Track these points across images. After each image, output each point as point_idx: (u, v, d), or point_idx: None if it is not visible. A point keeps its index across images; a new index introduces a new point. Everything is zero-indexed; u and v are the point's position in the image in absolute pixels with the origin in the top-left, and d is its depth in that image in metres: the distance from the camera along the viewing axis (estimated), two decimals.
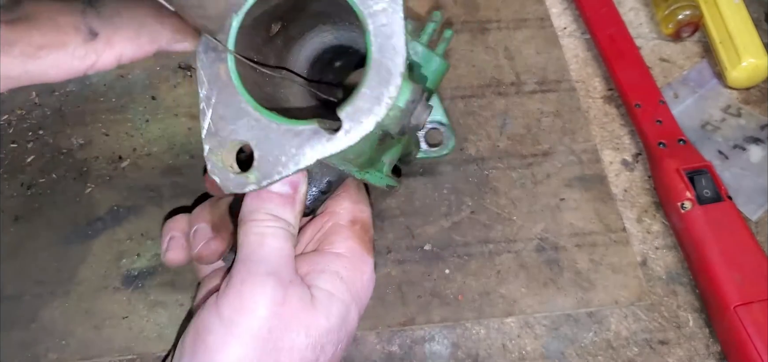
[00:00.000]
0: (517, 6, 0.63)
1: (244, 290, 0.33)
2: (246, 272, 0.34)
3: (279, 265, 0.34)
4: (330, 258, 0.38)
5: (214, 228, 0.39)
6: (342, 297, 0.36)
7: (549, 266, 0.49)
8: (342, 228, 0.39)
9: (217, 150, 0.32)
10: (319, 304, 0.35)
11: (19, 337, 0.43)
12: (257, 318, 0.33)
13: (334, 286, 0.36)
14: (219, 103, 0.32)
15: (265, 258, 0.34)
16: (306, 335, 0.34)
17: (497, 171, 0.53)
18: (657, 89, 0.57)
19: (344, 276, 0.37)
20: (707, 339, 0.47)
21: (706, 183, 0.50)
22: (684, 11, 0.59)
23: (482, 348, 0.46)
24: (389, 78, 0.31)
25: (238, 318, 0.33)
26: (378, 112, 0.31)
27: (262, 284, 0.33)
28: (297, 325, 0.34)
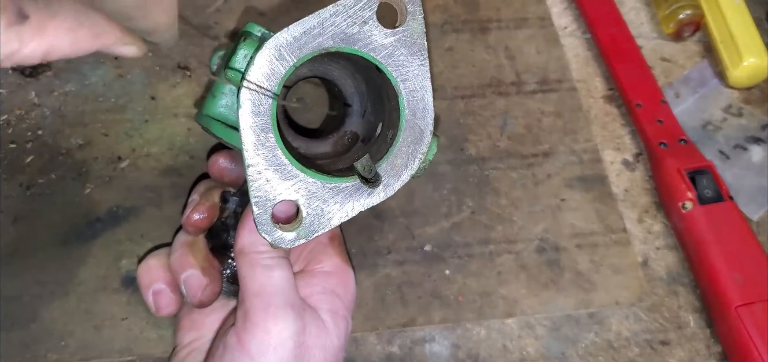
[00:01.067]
0: (517, 5, 0.63)
1: (269, 325, 0.34)
2: (265, 306, 0.35)
3: (292, 295, 0.36)
4: (323, 278, 0.39)
5: (204, 272, 0.39)
6: (343, 313, 0.39)
7: (550, 267, 0.48)
8: (325, 246, 0.41)
9: (267, 211, 0.34)
10: (330, 326, 0.37)
11: (19, 338, 0.43)
12: (286, 349, 0.34)
13: (335, 305, 0.38)
14: (266, 167, 0.34)
15: (278, 291, 0.35)
16: (323, 358, 0.36)
17: (498, 171, 0.53)
18: (658, 89, 0.56)
19: (340, 293, 0.39)
20: (708, 340, 0.47)
21: (707, 183, 0.49)
22: (685, 11, 0.59)
23: (483, 348, 0.45)
24: (421, 137, 0.36)
25: (267, 352, 0.34)
26: (412, 166, 0.36)
27: (284, 317, 0.35)
28: (317, 350, 0.36)
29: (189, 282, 0.38)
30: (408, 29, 0.35)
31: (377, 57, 0.34)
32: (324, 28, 0.34)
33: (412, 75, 0.35)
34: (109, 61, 0.55)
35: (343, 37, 0.34)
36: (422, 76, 0.35)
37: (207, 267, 0.39)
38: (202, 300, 0.39)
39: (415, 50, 0.35)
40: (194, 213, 0.39)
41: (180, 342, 0.40)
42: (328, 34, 0.34)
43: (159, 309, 0.40)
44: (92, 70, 0.55)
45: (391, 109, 0.37)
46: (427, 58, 0.35)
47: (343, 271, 0.40)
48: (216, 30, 0.58)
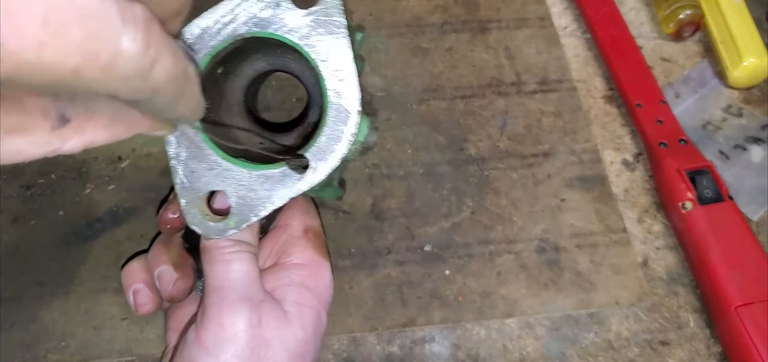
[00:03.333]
0: (517, 5, 0.63)
1: (223, 320, 0.35)
2: (220, 301, 0.36)
3: (249, 288, 0.36)
4: (292, 270, 0.39)
5: (176, 267, 0.40)
6: (311, 304, 0.38)
7: (549, 267, 0.48)
8: (297, 239, 0.41)
9: (194, 202, 0.34)
10: (293, 317, 0.37)
11: (19, 338, 0.43)
12: (239, 343, 0.35)
13: (302, 296, 0.38)
14: (189, 158, 0.34)
15: (234, 285, 0.36)
16: (285, 349, 0.36)
17: (498, 171, 0.53)
18: (658, 89, 0.56)
19: (309, 285, 0.39)
20: (708, 340, 0.47)
21: (707, 184, 0.49)
22: (685, 11, 0.59)
23: (483, 348, 0.46)
24: (347, 117, 0.34)
25: (221, 346, 0.35)
26: (340, 149, 0.34)
27: (238, 311, 0.35)
28: (276, 342, 0.36)
29: (161, 277, 0.39)
30: (324, 7, 0.34)
31: (293, 39, 0.34)
32: (235, 15, 0.33)
33: (334, 54, 0.34)
34: None
35: (257, 21, 0.33)
36: (344, 55, 0.34)
37: (179, 263, 0.40)
38: (173, 295, 0.39)
39: (333, 28, 0.34)
40: (168, 212, 0.40)
41: (169, 343, 0.41)
42: (241, 20, 0.33)
43: (137, 307, 0.40)
44: None
45: (320, 92, 0.36)
46: (347, 35, 0.34)
47: (316, 264, 0.40)
48: None
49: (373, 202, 0.50)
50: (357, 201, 0.50)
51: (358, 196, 0.51)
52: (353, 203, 0.50)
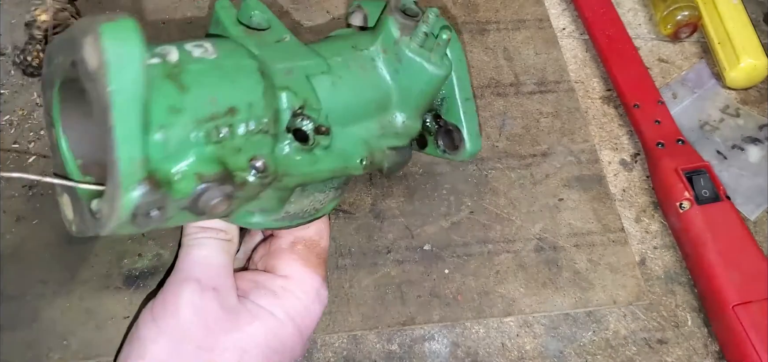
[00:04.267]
0: (516, 7, 0.63)
1: (167, 295, 0.38)
2: (172, 277, 0.39)
3: (201, 272, 0.38)
4: (270, 278, 0.40)
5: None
6: (274, 311, 0.38)
7: (548, 266, 0.49)
8: (283, 251, 0.41)
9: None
10: (244, 313, 0.38)
11: (21, 337, 0.44)
12: (179, 317, 0.37)
13: (267, 302, 0.39)
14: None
15: (186, 267, 0.38)
16: (225, 338, 0.37)
17: (496, 171, 0.53)
18: (655, 89, 0.57)
19: (281, 294, 0.39)
20: (706, 339, 0.47)
21: (704, 183, 0.50)
22: (682, 12, 0.59)
23: (481, 347, 0.46)
24: (115, 190, 0.29)
25: (164, 317, 0.37)
26: (114, 216, 0.30)
27: (180, 290, 0.37)
28: (217, 328, 0.37)
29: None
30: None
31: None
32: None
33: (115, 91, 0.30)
34: None
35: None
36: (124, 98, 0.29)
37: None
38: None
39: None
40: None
41: None
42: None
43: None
44: None
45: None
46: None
47: (300, 276, 0.40)
48: None
49: (373, 202, 0.51)
50: (357, 201, 0.51)
51: (358, 196, 0.51)
52: (353, 203, 0.51)
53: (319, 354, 0.45)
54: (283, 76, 0.36)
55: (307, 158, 0.37)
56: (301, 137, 0.37)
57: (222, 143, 0.33)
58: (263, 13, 0.40)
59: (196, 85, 0.32)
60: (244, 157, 0.34)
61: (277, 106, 0.36)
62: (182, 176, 0.32)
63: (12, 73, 0.55)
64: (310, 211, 0.41)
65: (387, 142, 0.41)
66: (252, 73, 0.35)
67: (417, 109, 0.43)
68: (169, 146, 0.31)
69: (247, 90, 0.34)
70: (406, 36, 0.41)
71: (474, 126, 0.45)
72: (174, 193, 0.31)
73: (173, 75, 0.32)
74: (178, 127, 0.32)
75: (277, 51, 0.38)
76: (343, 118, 0.39)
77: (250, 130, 0.34)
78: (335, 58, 0.40)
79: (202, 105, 0.32)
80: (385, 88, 0.41)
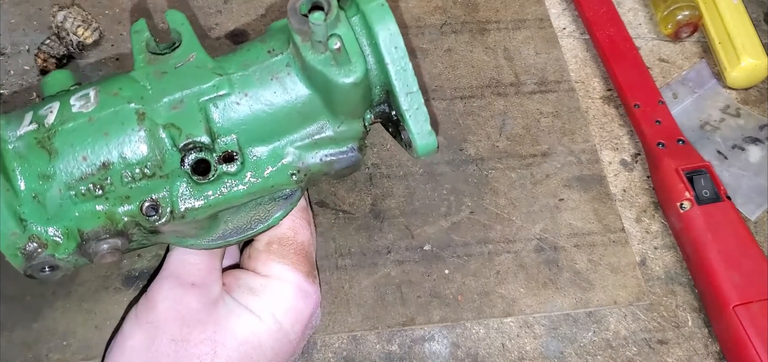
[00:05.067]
0: (516, 7, 0.63)
1: (148, 292, 0.39)
2: (157, 276, 0.40)
3: (181, 269, 0.39)
4: (251, 276, 0.40)
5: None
6: (253, 309, 0.39)
7: (548, 266, 0.49)
8: (260, 252, 0.41)
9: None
10: (223, 308, 0.39)
11: (21, 337, 0.44)
12: (157, 312, 0.38)
13: (247, 299, 0.39)
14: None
15: (168, 264, 0.40)
16: (200, 333, 0.37)
17: (496, 171, 0.53)
18: (656, 89, 0.57)
19: (260, 292, 0.39)
20: (706, 339, 0.47)
21: (705, 184, 0.50)
22: (683, 11, 0.59)
23: (482, 347, 0.46)
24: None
25: (144, 312, 0.38)
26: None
27: (160, 286, 0.39)
28: (194, 322, 0.37)
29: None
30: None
31: None
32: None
33: None
34: (110, 61, 0.56)
35: None
36: None
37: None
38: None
39: None
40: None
41: None
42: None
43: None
44: (93, 71, 0.55)
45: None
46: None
47: (279, 275, 0.40)
48: (216, 31, 0.58)
49: (373, 202, 0.51)
50: (357, 201, 0.51)
51: (358, 196, 0.51)
52: (353, 203, 0.51)
53: (319, 354, 0.45)
54: (168, 110, 0.36)
55: (211, 188, 0.37)
56: (202, 170, 0.36)
57: (105, 196, 0.35)
58: (177, 26, 0.39)
59: (67, 147, 0.35)
60: (135, 203, 0.36)
61: (162, 146, 0.36)
62: (65, 235, 0.35)
63: (12, 72, 0.55)
64: (251, 225, 0.40)
65: (323, 150, 0.39)
66: (128, 120, 0.35)
67: (348, 114, 0.39)
68: (47, 210, 0.35)
69: (120, 140, 0.35)
70: (306, 42, 0.36)
71: (421, 122, 0.38)
72: (58, 252, 0.35)
73: (44, 141, 0.34)
74: (52, 191, 0.34)
75: (173, 79, 0.37)
76: (258, 137, 0.38)
77: (132, 178, 0.35)
78: (240, 73, 0.37)
79: (73, 166, 0.34)
80: (304, 97, 0.37)
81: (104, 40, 0.57)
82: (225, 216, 0.40)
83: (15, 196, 0.34)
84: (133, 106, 0.36)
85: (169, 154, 0.36)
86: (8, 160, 0.34)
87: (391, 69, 0.37)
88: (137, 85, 0.37)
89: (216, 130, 0.37)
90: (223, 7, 0.60)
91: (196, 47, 0.38)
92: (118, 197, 0.35)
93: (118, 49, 0.56)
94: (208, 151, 0.36)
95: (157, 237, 0.39)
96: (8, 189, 0.34)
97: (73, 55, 0.55)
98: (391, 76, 0.37)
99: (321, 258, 0.48)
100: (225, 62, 0.38)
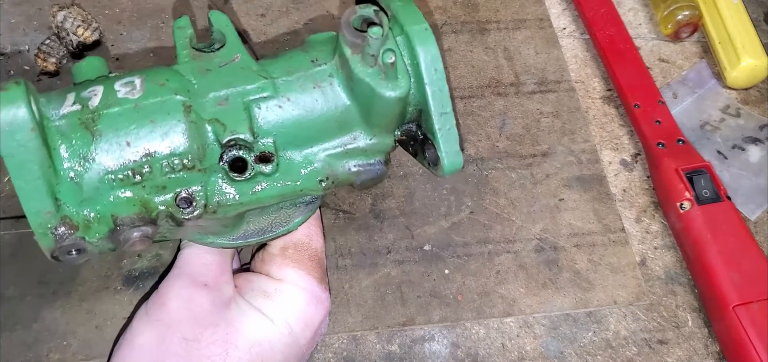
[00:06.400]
0: (516, 6, 0.63)
1: (159, 290, 0.39)
2: (167, 276, 0.40)
3: (193, 268, 0.39)
4: (265, 280, 0.40)
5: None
6: (266, 312, 0.39)
7: (548, 266, 0.49)
8: (274, 257, 0.41)
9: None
10: (236, 310, 0.39)
11: (21, 337, 0.44)
12: (168, 310, 0.38)
13: (260, 302, 0.39)
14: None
15: (180, 263, 0.40)
16: (212, 333, 0.37)
17: (496, 171, 0.53)
18: (656, 89, 0.57)
19: (273, 296, 0.40)
20: (706, 339, 0.47)
21: (705, 184, 0.50)
22: (683, 12, 0.59)
23: (482, 347, 0.46)
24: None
25: (155, 310, 0.38)
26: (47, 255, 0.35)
27: (172, 284, 0.39)
28: (205, 322, 0.37)
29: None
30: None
31: None
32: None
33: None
34: (110, 62, 0.56)
35: None
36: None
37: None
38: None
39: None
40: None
41: None
42: None
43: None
44: None
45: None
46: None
47: (293, 280, 0.40)
48: None
49: (373, 202, 0.51)
50: (357, 201, 0.51)
51: (358, 196, 0.51)
52: (353, 203, 0.51)
53: (319, 354, 0.45)
54: (214, 106, 0.36)
55: (245, 187, 0.37)
56: (238, 167, 0.37)
57: (142, 184, 0.35)
58: (221, 27, 0.40)
59: (111, 131, 0.34)
60: (170, 194, 0.36)
61: (204, 141, 0.36)
62: (96, 219, 0.35)
63: (12, 73, 0.55)
64: (271, 228, 0.41)
65: (353, 160, 0.40)
66: (174, 111, 0.35)
67: (383, 127, 0.40)
68: (83, 192, 0.34)
69: (166, 130, 0.35)
70: (356, 55, 0.37)
71: (452, 142, 0.39)
72: (89, 235, 0.34)
73: (88, 122, 0.34)
74: (91, 173, 0.34)
75: (218, 77, 0.37)
76: (294, 141, 0.38)
77: (172, 168, 0.35)
78: (284, 78, 0.38)
79: (116, 151, 0.34)
80: (343, 107, 0.39)
81: (104, 40, 0.57)
82: (248, 217, 0.40)
83: (54, 174, 0.34)
84: (180, 97, 0.36)
85: (210, 149, 0.36)
86: (52, 138, 0.34)
87: (429, 89, 0.38)
88: (183, 78, 0.37)
89: (256, 130, 0.37)
90: (223, 7, 0.60)
91: (241, 49, 0.39)
92: (155, 186, 0.35)
93: (118, 49, 0.57)
94: (247, 150, 0.37)
95: (181, 231, 0.38)
96: (49, 166, 0.33)
97: (74, 56, 0.55)
98: (428, 96, 0.38)
99: None
100: (268, 66, 0.39)
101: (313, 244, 0.42)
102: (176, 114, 0.35)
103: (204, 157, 0.36)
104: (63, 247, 0.34)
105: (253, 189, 0.37)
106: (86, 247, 0.35)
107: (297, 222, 0.41)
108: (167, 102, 0.35)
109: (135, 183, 0.35)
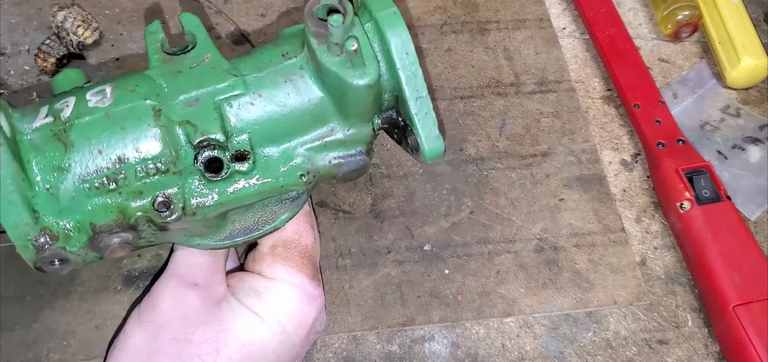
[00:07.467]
0: (516, 6, 0.63)
1: (152, 291, 0.39)
2: (159, 277, 0.40)
3: (184, 269, 0.39)
4: (256, 279, 0.40)
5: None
6: (257, 311, 0.39)
7: (548, 266, 0.49)
8: (265, 255, 0.41)
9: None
10: (227, 309, 0.39)
11: (21, 337, 0.44)
12: (159, 311, 0.38)
13: (251, 301, 0.39)
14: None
15: (172, 265, 0.40)
16: (202, 333, 0.37)
17: (496, 171, 0.53)
18: (656, 89, 0.57)
19: (264, 294, 0.40)
20: (706, 339, 0.47)
21: (705, 184, 0.50)
22: (683, 11, 0.59)
23: (481, 347, 0.46)
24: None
25: (146, 311, 0.38)
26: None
27: (163, 285, 0.39)
28: (196, 322, 0.37)
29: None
30: None
31: None
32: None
33: None
34: (110, 62, 0.56)
35: None
36: None
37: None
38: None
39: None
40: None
41: None
42: None
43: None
44: (93, 72, 0.55)
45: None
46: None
47: (284, 278, 0.40)
48: (217, 31, 0.58)
49: (373, 202, 0.51)
50: (357, 201, 0.51)
51: (358, 196, 0.51)
52: (353, 203, 0.51)
53: (319, 354, 0.45)
54: (184, 108, 0.36)
55: (223, 186, 0.37)
56: (214, 168, 0.37)
57: (118, 190, 0.36)
58: (192, 28, 0.40)
59: (83, 140, 0.35)
60: (147, 198, 0.36)
61: (177, 143, 0.36)
62: (76, 228, 0.35)
63: (12, 72, 0.55)
64: (258, 226, 0.40)
65: (333, 153, 0.40)
66: (144, 116, 0.36)
67: (359, 116, 0.39)
68: (60, 202, 0.35)
69: (136, 135, 0.35)
70: (322, 45, 0.37)
71: (430, 126, 0.39)
72: (70, 245, 0.35)
73: (60, 133, 0.35)
74: (67, 183, 0.35)
75: (188, 78, 0.37)
76: (270, 137, 0.38)
77: (146, 173, 0.36)
78: (255, 75, 0.38)
79: (89, 159, 0.35)
80: (316, 99, 0.38)
81: (104, 40, 0.57)
82: (233, 216, 0.40)
83: (29, 187, 0.34)
84: (150, 102, 0.36)
85: (183, 151, 0.36)
86: (24, 151, 0.34)
87: (402, 74, 0.38)
88: (153, 83, 0.37)
89: (229, 129, 0.37)
90: (223, 7, 0.60)
91: (211, 49, 0.39)
92: (131, 192, 0.36)
93: (118, 50, 0.57)
94: (221, 149, 0.37)
95: (166, 235, 0.39)
96: (23, 180, 0.34)
97: (74, 55, 0.55)
98: (402, 81, 0.38)
99: (321, 258, 0.48)
100: (239, 64, 0.39)
101: (303, 241, 0.42)
102: (146, 119, 0.35)
103: (178, 160, 0.36)
104: (44, 258, 0.35)
105: (232, 188, 0.37)
106: (68, 257, 0.35)
107: (284, 219, 0.41)
108: (137, 107, 0.36)
109: (111, 190, 0.35)
